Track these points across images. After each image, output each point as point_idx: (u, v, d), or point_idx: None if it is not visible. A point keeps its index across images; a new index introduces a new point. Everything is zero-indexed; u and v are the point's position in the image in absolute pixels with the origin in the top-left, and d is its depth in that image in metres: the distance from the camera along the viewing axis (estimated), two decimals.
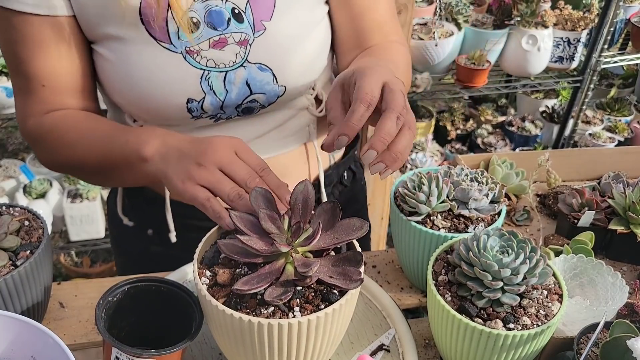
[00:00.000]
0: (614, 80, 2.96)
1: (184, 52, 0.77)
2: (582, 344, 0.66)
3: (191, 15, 0.76)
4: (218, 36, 0.77)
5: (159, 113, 0.81)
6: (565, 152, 1.21)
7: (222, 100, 0.81)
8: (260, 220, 0.60)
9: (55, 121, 0.81)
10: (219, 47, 0.78)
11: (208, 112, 0.82)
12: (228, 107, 0.82)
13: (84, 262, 2.29)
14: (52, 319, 0.79)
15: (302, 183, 0.63)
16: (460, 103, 2.93)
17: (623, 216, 0.89)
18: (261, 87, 0.82)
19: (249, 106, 0.84)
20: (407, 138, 0.63)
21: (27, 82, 0.80)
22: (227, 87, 0.80)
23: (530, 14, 2.08)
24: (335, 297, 0.59)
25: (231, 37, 0.78)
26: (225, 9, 0.77)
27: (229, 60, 0.79)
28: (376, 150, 0.61)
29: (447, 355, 0.71)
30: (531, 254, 0.66)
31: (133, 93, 0.79)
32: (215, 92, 0.80)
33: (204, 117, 0.83)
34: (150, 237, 0.98)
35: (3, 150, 3.04)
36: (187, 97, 0.79)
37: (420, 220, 0.78)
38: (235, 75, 0.80)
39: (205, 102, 0.80)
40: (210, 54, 0.78)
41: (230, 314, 0.56)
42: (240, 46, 0.79)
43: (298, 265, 0.58)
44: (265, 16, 0.79)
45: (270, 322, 0.55)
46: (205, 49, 0.77)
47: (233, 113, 0.84)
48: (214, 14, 0.77)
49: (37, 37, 0.76)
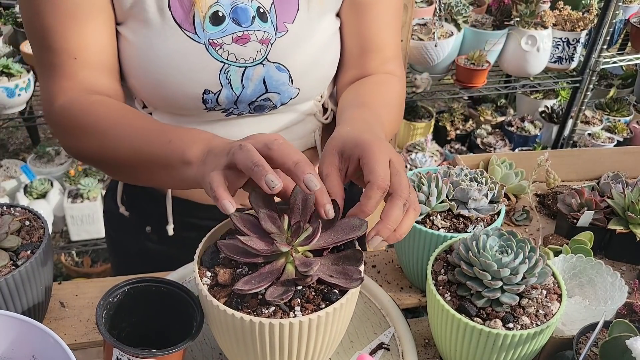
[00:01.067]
0: (613, 81, 2.97)
1: (207, 43, 0.78)
2: (581, 343, 0.66)
3: (217, 9, 0.78)
4: (242, 32, 0.79)
5: (174, 101, 0.82)
6: (564, 152, 1.21)
7: (238, 95, 0.83)
8: (260, 220, 0.61)
9: (88, 105, 0.78)
10: (241, 42, 0.79)
11: (222, 105, 0.83)
12: (242, 102, 0.84)
13: (84, 262, 2.29)
14: (53, 318, 0.79)
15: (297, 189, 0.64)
16: (460, 103, 2.94)
17: (622, 216, 0.89)
18: (277, 87, 0.84)
19: (262, 104, 0.85)
20: (411, 220, 0.64)
21: (56, 56, 0.77)
22: (244, 82, 0.82)
23: (530, 15, 2.09)
24: (335, 297, 0.59)
25: (254, 35, 0.79)
26: (251, 7, 0.79)
27: (249, 57, 0.80)
28: (382, 237, 0.61)
29: (446, 354, 0.71)
30: (530, 254, 0.66)
31: (150, 78, 0.80)
32: (232, 86, 0.82)
33: (217, 110, 0.84)
34: (148, 234, 0.98)
35: (4, 151, 3.05)
36: (204, 88, 0.80)
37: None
38: (254, 72, 0.82)
39: (221, 95, 0.82)
40: (232, 49, 0.79)
41: (232, 314, 0.56)
42: (262, 44, 0.80)
43: (298, 264, 0.58)
44: (288, 18, 0.82)
45: (272, 322, 0.56)
46: (228, 43, 0.79)
47: (245, 109, 0.86)
48: (239, 10, 0.79)
49: (70, 8, 0.75)
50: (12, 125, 1.93)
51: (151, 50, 0.78)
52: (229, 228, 0.68)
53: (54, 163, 2.24)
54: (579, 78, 2.30)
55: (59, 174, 2.19)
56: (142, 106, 0.87)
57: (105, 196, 1.08)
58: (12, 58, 1.86)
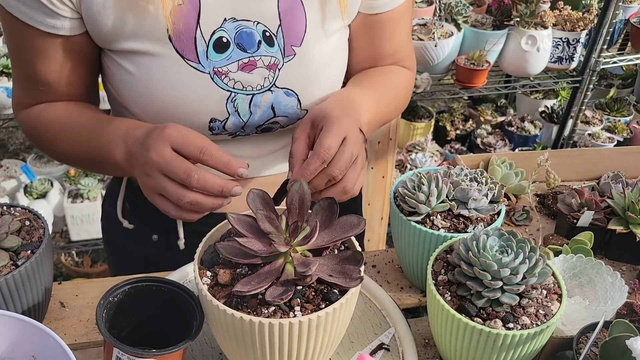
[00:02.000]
0: (613, 81, 2.97)
1: (212, 72, 0.75)
2: (581, 343, 0.66)
3: (221, 35, 0.75)
4: (247, 58, 0.76)
5: None
6: (564, 152, 1.21)
7: (245, 121, 0.81)
8: (257, 221, 0.61)
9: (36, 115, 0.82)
10: (247, 69, 0.76)
11: (229, 130, 0.81)
12: (249, 127, 0.82)
13: (84, 261, 2.29)
14: (53, 318, 0.79)
15: (297, 183, 0.64)
16: (460, 103, 2.94)
17: (622, 216, 0.89)
18: (285, 111, 0.82)
19: (270, 127, 0.84)
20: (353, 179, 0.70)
21: (26, 79, 0.80)
22: (252, 109, 0.80)
23: (530, 15, 2.09)
24: (335, 297, 0.59)
25: (260, 60, 0.77)
26: (257, 31, 0.76)
27: (256, 84, 0.78)
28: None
29: (446, 354, 0.71)
30: (530, 254, 0.66)
31: (153, 108, 0.78)
32: (240, 113, 0.79)
33: (224, 134, 0.82)
34: (155, 242, 0.97)
35: (4, 151, 3.04)
36: (211, 117, 0.78)
37: (419, 220, 0.78)
38: (262, 99, 0.79)
39: (228, 122, 0.80)
40: (238, 76, 0.76)
41: (232, 314, 0.56)
42: (269, 70, 0.77)
43: (297, 264, 0.58)
44: (296, 41, 0.78)
45: (271, 322, 0.56)
46: (234, 71, 0.76)
47: (252, 132, 0.84)
48: (244, 35, 0.75)
49: (41, 47, 0.76)
50: (12, 125, 1.93)
51: (153, 82, 0.76)
52: (229, 228, 0.68)
53: (54, 163, 2.24)
54: (579, 78, 2.30)
55: (59, 174, 2.19)
56: None
57: (103, 201, 1.06)
58: None
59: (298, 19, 0.78)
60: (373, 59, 0.91)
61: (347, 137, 0.70)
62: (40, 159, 2.26)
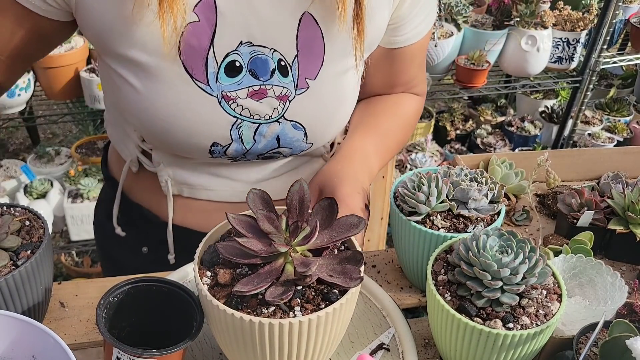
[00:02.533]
0: (613, 81, 2.97)
1: (220, 96, 0.72)
2: (581, 343, 0.66)
3: (234, 59, 0.71)
4: (259, 86, 0.73)
5: (178, 148, 0.78)
6: (564, 152, 1.21)
7: (248, 149, 0.78)
8: (257, 221, 0.61)
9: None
10: (257, 97, 0.74)
11: (229, 155, 0.79)
12: (251, 154, 0.80)
13: (84, 262, 2.29)
14: (53, 318, 0.79)
15: (297, 182, 0.64)
16: (460, 103, 2.94)
17: (622, 216, 0.89)
18: (290, 143, 0.79)
19: (272, 155, 0.82)
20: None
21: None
22: (256, 138, 0.77)
23: (530, 15, 2.09)
24: (335, 297, 0.59)
25: (272, 90, 0.74)
26: (272, 59, 0.73)
27: (264, 113, 0.75)
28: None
29: (446, 354, 0.71)
30: (530, 254, 0.66)
31: (155, 125, 0.75)
32: (243, 140, 0.77)
33: (223, 158, 0.80)
34: (145, 254, 0.95)
35: (4, 151, 3.05)
36: (213, 141, 0.76)
37: (419, 220, 0.78)
38: (268, 129, 0.76)
39: (230, 149, 0.77)
40: (246, 103, 0.74)
41: (232, 314, 0.56)
42: (279, 101, 0.75)
43: (297, 264, 0.58)
44: (311, 74, 0.75)
45: (271, 322, 0.56)
46: (243, 97, 0.73)
47: (253, 158, 0.82)
48: (259, 62, 0.72)
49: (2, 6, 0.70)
50: (12, 125, 1.93)
51: (157, 98, 0.72)
52: (229, 229, 0.68)
53: (54, 163, 2.24)
54: (579, 78, 2.30)
55: (59, 174, 2.19)
56: (141, 140, 0.83)
57: (96, 208, 1.03)
58: None
59: (316, 51, 0.75)
60: (388, 86, 0.91)
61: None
62: (40, 159, 2.26)
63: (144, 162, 0.86)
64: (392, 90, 0.92)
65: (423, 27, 0.84)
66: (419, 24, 0.83)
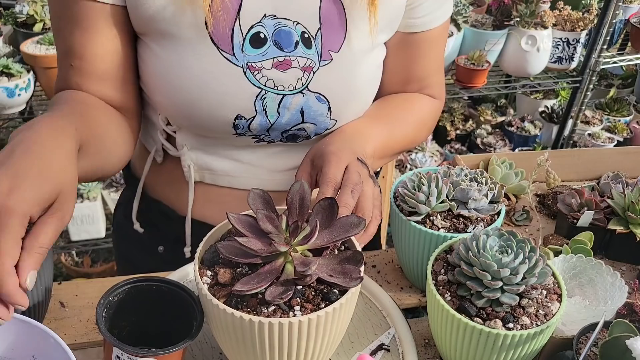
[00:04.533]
0: (613, 81, 2.97)
1: (245, 66, 0.74)
2: (581, 343, 0.66)
3: (258, 30, 0.73)
4: (283, 57, 0.75)
5: (202, 123, 0.78)
6: (564, 152, 1.21)
7: (272, 123, 0.78)
8: (258, 220, 0.61)
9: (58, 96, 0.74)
10: (282, 68, 0.75)
11: (253, 131, 0.79)
12: (275, 130, 0.80)
13: (84, 262, 2.29)
14: (53, 318, 0.79)
15: (297, 182, 0.64)
16: (460, 103, 2.93)
17: (622, 216, 0.89)
18: (314, 118, 0.80)
19: (296, 134, 0.82)
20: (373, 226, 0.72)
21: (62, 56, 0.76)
22: (280, 110, 0.77)
23: (530, 15, 2.09)
24: (335, 296, 0.59)
25: (296, 61, 0.75)
26: (296, 31, 0.75)
27: (289, 84, 0.76)
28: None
29: (446, 354, 0.71)
30: (530, 254, 0.66)
31: (179, 97, 0.76)
32: (267, 113, 0.77)
33: (247, 136, 0.80)
34: (160, 254, 0.96)
35: None
36: (237, 113, 0.76)
37: (419, 220, 0.78)
38: (292, 101, 0.77)
39: (254, 122, 0.78)
40: (271, 74, 0.75)
41: (231, 313, 0.56)
42: (304, 72, 0.76)
43: (297, 264, 0.59)
44: (334, 47, 0.77)
45: (271, 321, 0.56)
46: (268, 68, 0.74)
47: (277, 137, 0.82)
48: (283, 34, 0.74)
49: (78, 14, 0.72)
50: (12, 125, 1.93)
51: (183, 69, 0.74)
52: (229, 228, 0.68)
53: None
54: (579, 78, 2.30)
55: None
56: (166, 123, 0.84)
57: (115, 210, 1.05)
58: (12, 58, 1.86)
59: (338, 26, 0.76)
60: (403, 81, 0.91)
61: (349, 165, 0.72)
62: None
63: (168, 148, 0.86)
64: (407, 86, 0.91)
65: (439, 13, 0.86)
66: (435, 9, 0.85)
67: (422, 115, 0.93)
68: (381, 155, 0.85)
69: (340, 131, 0.82)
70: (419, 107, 0.92)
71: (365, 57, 0.81)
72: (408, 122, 0.90)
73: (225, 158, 0.85)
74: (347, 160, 0.73)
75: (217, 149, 0.84)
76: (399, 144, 0.90)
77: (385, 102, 0.91)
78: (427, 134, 0.96)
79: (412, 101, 0.92)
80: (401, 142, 0.90)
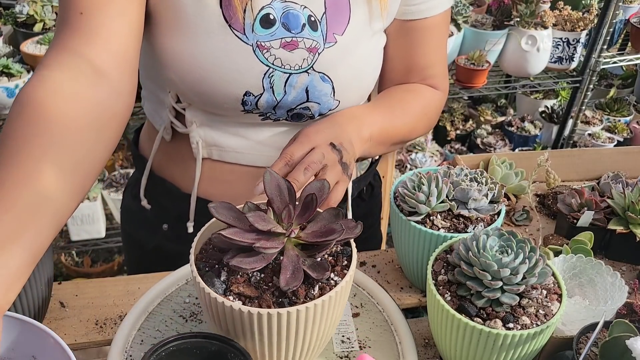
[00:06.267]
0: (613, 81, 2.97)
1: (255, 45, 0.78)
2: (581, 343, 0.66)
3: (268, 12, 0.77)
4: (290, 38, 0.78)
5: (212, 99, 0.81)
6: (564, 152, 1.21)
7: (278, 100, 0.82)
8: (252, 223, 0.60)
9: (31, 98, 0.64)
10: (289, 48, 0.79)
11: (260, 109, 0.83)
12: (281, 108, 0.83)
13: (84, 261, 2.29)
14: (53, 318, 0.79)
15: (266, 173, 0.64)
16: (460, 103, 2.93)
17: (622, 216, 0.89)
18: (318, 97, 0.83)
19: (300, 112, 0.85)
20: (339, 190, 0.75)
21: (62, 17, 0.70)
22: (286, 88, 0.81)
23: (530, 15, 2.09)
24: (348, 252, 0.64)
25: (302, 42, 0.79)
26: (302, 14, 0.79)
27: (295, 64, 0.80)
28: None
29: (446, 354, 0.71)
30: (530, 254, 0.66)
31: (192, 73, 0.79)
32: (274, 91, 0.81)
33: (254, 113, 0.84)
34: (164, 232, 0.98)
35: None
36: (246, 89, 0.80)
37: (419, 220, 0.78)
38: (298, 79, 0.81)
39: (262, 99, 0.81)
40: (279, 53, 0.79)
41: (230, 306, 0.57)
42: (309, 52, 0.80)
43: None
44: (338, 30, 0.81)
45: (270, 312, 0.57)
46: (276, 48, 0.78)
47: (283, 115, 0.85)
48: (290, 16, 0.78)
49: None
50: None
51: (196, 46, 0.77)
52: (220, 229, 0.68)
53: None
54: (579, 78, 2.30)
55: None
56: (175, 100, 0.86)
57: (124, 191, 1.09)
58: (12, 58, 1.86)
59: (342, 10, 0.81)
60: (405, 70, 0.92)
61: (316, 147, 0.75)
62: None
63: (177, 125, 0.89)
64: (408, 76, 0.93)
65: (436, 2, 0.87)
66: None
67: (424, 105, 0.93)
68: (380, 140, 0.87)
69: (335, 115, 0.84)
70: (421, 96, 0.93)
71: (367, 42, 0.84)
72: (409, 111, 0.91)
73: (233, 135, 0.88)
74: (317, 142, 0.76)
75: (226, 125, 0.87)
76: (400, 132, 0.91)
77: (387, 93, 0.93)
78: (428, 123, 0.97)
79: (413, 91, 0.93)
80: (402, 130, 0.91)
